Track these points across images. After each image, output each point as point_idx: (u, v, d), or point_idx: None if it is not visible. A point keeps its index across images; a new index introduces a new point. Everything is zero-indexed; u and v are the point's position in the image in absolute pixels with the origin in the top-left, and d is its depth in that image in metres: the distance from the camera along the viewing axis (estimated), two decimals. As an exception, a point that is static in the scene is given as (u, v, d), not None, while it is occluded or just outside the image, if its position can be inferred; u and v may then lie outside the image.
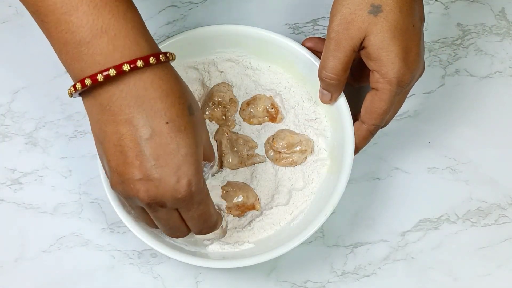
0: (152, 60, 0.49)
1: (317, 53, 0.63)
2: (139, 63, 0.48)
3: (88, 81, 0.48)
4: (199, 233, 0.57)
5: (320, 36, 0.71)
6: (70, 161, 0.69)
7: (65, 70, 0.69)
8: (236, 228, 0.64)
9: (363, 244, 0.68)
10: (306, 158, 0.65)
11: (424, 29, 0.71)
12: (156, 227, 0.57)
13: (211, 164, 0.58)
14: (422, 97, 0.71)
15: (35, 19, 0.51)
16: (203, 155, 0.53)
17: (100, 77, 0.48)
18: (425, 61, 0.70)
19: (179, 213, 0.54)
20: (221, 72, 0.67)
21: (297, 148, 0.65)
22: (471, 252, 0.68)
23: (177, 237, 0.57)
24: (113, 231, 0.67)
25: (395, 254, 0.67)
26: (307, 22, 0.72)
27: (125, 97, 0.48)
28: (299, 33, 0.72)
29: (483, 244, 0.68)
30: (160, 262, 0.67)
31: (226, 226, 0.64)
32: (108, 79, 0.48)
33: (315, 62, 0.63)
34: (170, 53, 0.51)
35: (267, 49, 0.65)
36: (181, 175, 0.50)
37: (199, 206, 0.53)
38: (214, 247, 0.62)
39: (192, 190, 0.50)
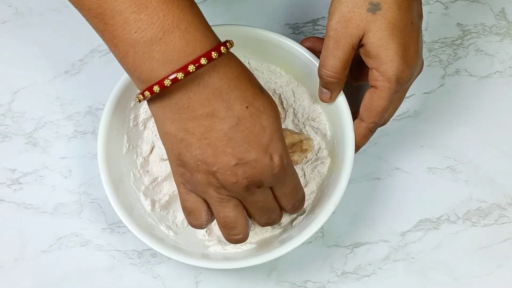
0: (223, 49, 0.49)
1: (315, 53, 0.63)
2: (214, 55, 0.48)
3: (167, 82, 0.47)
4: (293, 208, 0.57)
5: (320, 36, 0.71)
6: (70, 161, 0.69)
7: (65, 70, 0.70)
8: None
9: (363, 244, 0.68)
10: (306, 157, 0.65)
11: (424, 29, 0.71)
12: (248, 223, 0.56)
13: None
14: (422, 97, 0.71)
15: (94, 24, 0.49)
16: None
17: (180, 75, 0.47)
18: (425, 61, 0.71)
19: (272, 192, 0.55)
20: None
21: (298, 148, 0.65)
22: (471, 252, 0.68)
23: (273, 222, 0.57)
24: (113, 231, 0.67)
25: (395, 254, 0.67)
26: (307, 22, 0.72)
27: (203, 91, 0.48)
28: (299, 33, 0.72)
29: (483, 244, 0.68)
30: (160, 262, 0.67)
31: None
32: (187, 76, 0.47)
33: (314, 61, 0.63)
34: (230, 41, 0.51)
35: (266, 49, 0.65)
36: (273, 151, 0.51)
37: (292, 178, 0.55)
38: (216, 248, 0.62)
39: (285, 163, 0.52)
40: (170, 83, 0.47)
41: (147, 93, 0.48)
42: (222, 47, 0.49)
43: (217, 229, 0.64)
